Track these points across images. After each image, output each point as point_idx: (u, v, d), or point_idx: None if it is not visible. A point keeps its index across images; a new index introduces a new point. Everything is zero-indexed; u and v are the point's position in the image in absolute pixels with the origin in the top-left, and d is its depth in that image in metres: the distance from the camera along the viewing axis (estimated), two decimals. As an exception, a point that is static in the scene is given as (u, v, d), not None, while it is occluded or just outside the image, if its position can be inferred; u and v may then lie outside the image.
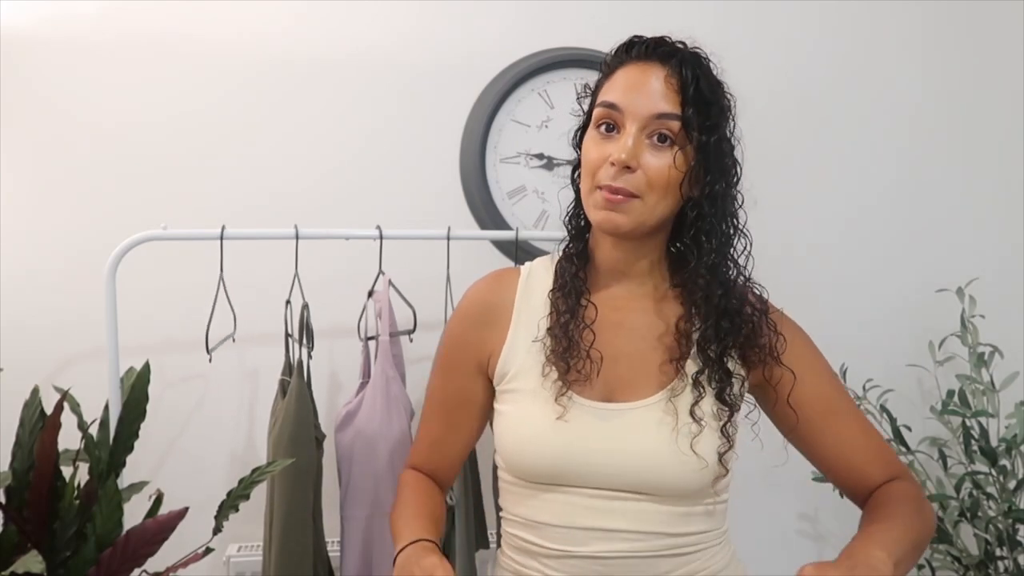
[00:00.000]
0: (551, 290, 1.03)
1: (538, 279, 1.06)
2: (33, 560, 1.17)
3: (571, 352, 0.97)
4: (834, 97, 2.00)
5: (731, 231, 0.98)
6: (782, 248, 1.97)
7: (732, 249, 0.99)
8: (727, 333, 0.97)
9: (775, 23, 1.96)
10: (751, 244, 0.99)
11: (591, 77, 1.05)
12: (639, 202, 0.93)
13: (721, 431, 0.96)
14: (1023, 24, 2.06)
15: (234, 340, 1.58)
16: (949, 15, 2.03)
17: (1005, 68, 2.07)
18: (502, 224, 1.82)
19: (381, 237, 1.53)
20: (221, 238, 1.45)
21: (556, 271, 1.04)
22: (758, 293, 1.02)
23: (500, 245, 1.83)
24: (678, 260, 1.02)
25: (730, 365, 0.99)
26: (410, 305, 1.58)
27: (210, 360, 1.47)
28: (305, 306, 1.50)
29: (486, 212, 1.82)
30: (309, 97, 1.77)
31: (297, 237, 1.49)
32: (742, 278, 1.00)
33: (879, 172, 2.04)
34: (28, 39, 1.66)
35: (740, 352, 0.99)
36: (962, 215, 2.07)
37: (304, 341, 1.49)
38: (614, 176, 0.92)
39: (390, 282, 1.55)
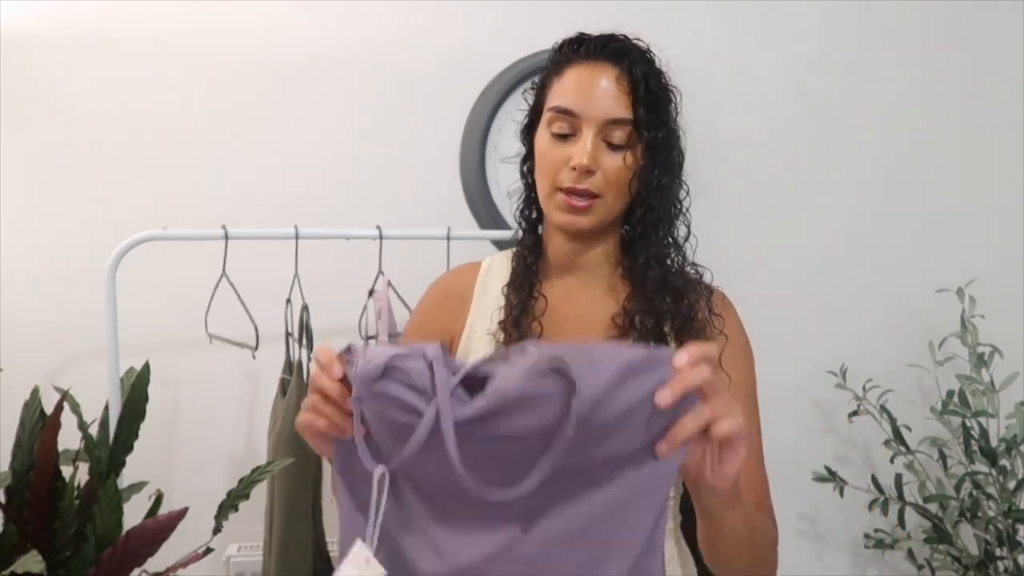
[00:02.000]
0: (505, 284, 1.04)
1: (496, 273, 1.08)
2: (33, 560, 1.17)
3: None
4: (834, 97, 2.00)
5: (676, 219, 1.01)
6: (782, 248, 1.97)
7: (676, 235, 1.01)
8: (667, 310, 0.97)
9: (775, 24, 1.95)
10: (690, 230, 1.02)
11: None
12: (600, 201, 0.96)
13: None
14: (1023, 24, 2.06)
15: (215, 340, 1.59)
16: (949, 15, 2.03)
17: (1005, 68, 2.06)
18: (502, 224, 1.82)
19: (381, 237, 1.53)
20: (225, 238, 1.46)
21: (512, 266, 1.06)
22: (702, 278, 1.02)
23: (500, 245, 1.83)
24: (629, 248, 1.03)
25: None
26: (408, 307, 1.57)
27: (254, 357, 1.49)
28: (305, 307, 1.50)
29: (486, 212, 1.82)
30: (310, 97, 1.77)
31: (297, 237, 1.49)
32: (684, 261, 1.01)
33: (879, 172, 2.03)
34: (28, 39, 1.66)
35: (676, 336, 0.98)
36: (962, 215, 2.06)
37: (304, 343, 1.49)
38: (576, 179, 0.95)
39: (389, 283, 1.55)
